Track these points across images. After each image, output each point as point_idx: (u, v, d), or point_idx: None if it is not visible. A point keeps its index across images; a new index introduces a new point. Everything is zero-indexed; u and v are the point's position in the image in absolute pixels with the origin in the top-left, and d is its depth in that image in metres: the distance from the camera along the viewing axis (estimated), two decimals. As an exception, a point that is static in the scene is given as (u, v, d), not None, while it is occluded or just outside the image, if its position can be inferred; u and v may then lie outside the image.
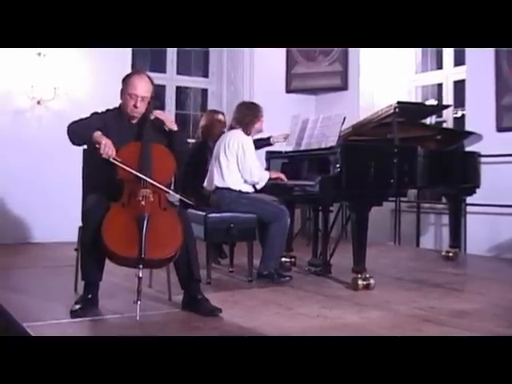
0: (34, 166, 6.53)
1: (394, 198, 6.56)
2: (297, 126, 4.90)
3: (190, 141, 6.02)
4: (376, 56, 7.68)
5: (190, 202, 3.55)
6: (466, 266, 5.79)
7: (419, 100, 7.79)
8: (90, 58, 6.63)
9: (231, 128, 4.65)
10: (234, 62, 8.10)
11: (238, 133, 4.53)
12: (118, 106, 3.61)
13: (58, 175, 6.39)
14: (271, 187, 4.58)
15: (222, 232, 4.32)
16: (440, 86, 7.59)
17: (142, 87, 3.49)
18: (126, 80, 3.54)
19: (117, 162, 3.32)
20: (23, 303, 3.58)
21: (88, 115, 3.54)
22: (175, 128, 3.59)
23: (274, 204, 4.52)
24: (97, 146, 3.30)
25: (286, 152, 5.08)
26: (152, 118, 3.52)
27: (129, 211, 3.25)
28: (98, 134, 3.33)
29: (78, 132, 3.39)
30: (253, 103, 4.78)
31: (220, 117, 5.64)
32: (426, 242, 7.14)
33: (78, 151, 3.75)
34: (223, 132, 5.51)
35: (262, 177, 4.53)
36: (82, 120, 3.47)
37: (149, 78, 3.57)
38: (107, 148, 3.29)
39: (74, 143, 3.43)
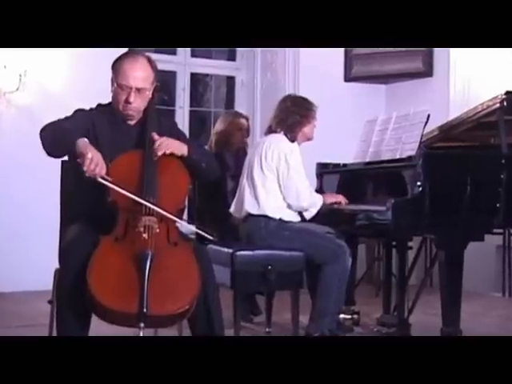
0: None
1: (501, 230, 6.50)
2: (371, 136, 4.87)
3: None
4: (473, 28, 7.64)
5: (211, 237, 3.54)
6: None
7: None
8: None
9: (270, 131, 4.67)
10: (271, 40, 8.11)
11: (280, 138, 4.56)
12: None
13: (25, 195, 6.51)
14: (324, 214, 4.60)
15: (255, 277, 4.32)
16: None
17: (136, 75, 3.49)
18: (116, 65, 3.54)
19: (106, 183, 3.28)
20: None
21: (70, 113, 3.55)
22: (185, 152, 3.53)
23: (329, 238, 4.53)
24: (78, 160, 3.22)
25: (344, 165, 5.10)
26: (155, 158, 3.44)
27: (125, 248, 3.25)
28: (82, 143, 3.27)
29: (56, 139, 3.35)
30: (302, 97, 4.81)
31: (242, 122, 5.72)
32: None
33: (55, 162, 3.71)
34: (245, 143, 5.57)
35: (313, 201, 4.55)
36: (61, 121, 3.47)
37: (148, 60, 3.57)
38: (93, 164, 3.19)
39: (50, 154, 3.39)
